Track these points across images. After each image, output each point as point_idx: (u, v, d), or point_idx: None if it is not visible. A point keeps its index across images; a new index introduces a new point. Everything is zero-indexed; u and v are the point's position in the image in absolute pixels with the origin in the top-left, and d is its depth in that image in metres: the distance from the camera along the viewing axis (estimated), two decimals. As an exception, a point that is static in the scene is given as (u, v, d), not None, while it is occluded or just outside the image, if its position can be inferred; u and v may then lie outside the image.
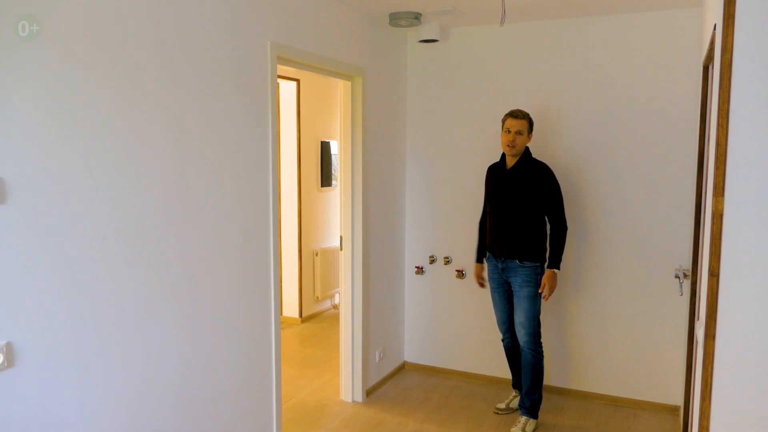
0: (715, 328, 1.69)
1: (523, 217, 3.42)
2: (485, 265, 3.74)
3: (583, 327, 3.97)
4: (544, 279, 3.43)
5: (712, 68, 2.30)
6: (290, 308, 5.69)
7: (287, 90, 5.42)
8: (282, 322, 5.48)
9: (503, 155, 3.53)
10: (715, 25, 2.07)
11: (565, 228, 3.47)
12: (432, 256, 4.36)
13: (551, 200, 3.43)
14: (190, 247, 2.46)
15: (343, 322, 3.89)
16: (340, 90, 3.76)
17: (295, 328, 5.53)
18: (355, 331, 3.88)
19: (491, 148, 4.11)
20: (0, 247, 1.75)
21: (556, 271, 3.44)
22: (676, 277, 3.52)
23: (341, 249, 3.85)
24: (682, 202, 3.62)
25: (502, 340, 3.75)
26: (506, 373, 4.18)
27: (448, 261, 4.30)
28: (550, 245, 3.46)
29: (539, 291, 3.43)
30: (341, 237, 3.85)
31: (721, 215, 1.67)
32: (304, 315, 5.71)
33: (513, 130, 3.39)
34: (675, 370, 3.73)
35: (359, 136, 3.74)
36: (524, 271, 3.44)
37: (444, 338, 4.39)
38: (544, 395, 4.00)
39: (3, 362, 1.76)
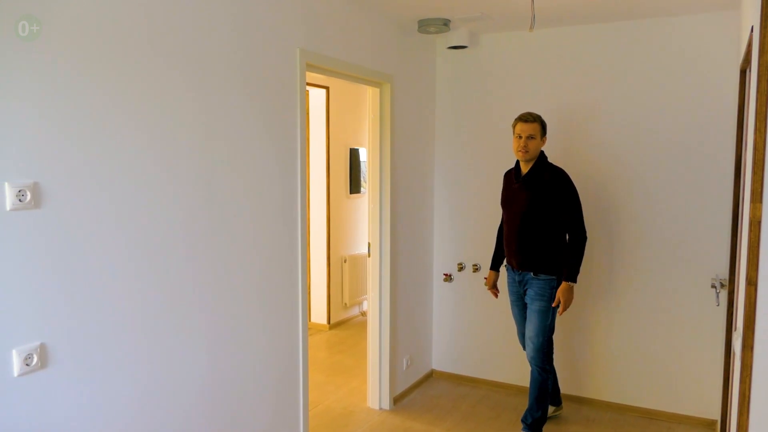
0: (753, 338, 1.64)
1: (539, 227, 3.26)
2: (500, 274, 3.69)
3: (615, 336, 3.88)
4: (559, 293, 3.24)
5: (750, 72, 2.24)
6: (318, 315, 5.71)
7: (317, 97, 5.46)
8: (310, 329, 5.51)
9: (518, 162, 3.39)
10: (752, 27, 2.01)
11: (584, 238, 3.27)
12: (460, 264, 4.32)
13: (569, 208, 3.25)
14: (219, 253, 2.48)
15: (370, 329, 3.89)
16: (368, 97, 3.77)
17: (323, 335, 5.54)
18: (382, 338, 3.87)
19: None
20: (35, 251, 1.79)
21: (572, 284, 3.25)
22: (713, 286, 3.43)
23: (369, 255, 3.85)
24: (719, 209, 3.53)
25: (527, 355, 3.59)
26: (536, 383, 4.12)
27: (476, 268, 4.26)
28: (567, 256, 3.26)
29: (553, 305, 3.27)
30: (369, 243, 3.85)
31: (759, 222, 1.62)
32: (332, 321, 5.72)
33: (524, 134, 3.25)
34: (711, 383, 3.62)
35: (388, 143, 3.74)
36: (538, 284, 3.29)
37: (472, 347, 4.35)
38: (574, 406, 3.94)
39: (37, 363, 1.80)
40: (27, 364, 1.77)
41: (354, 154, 5.88)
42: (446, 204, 4.37)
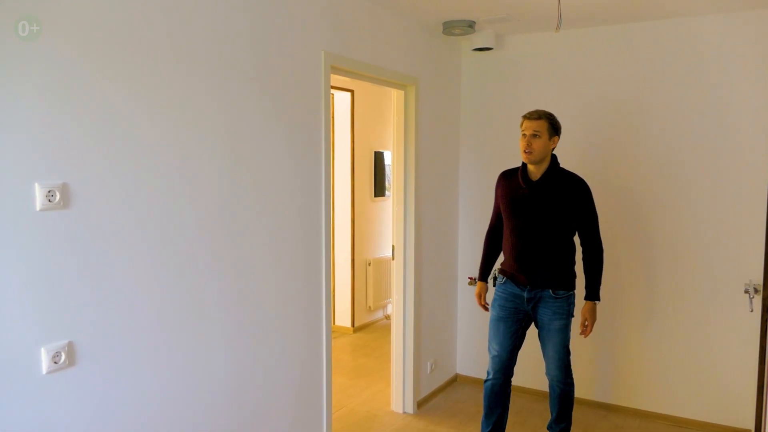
0: (788, 345, 1.58)
1: (556, 239, 2.95)
2: (490, 286, 3.31)
3: (644, 342, 3.80)
4: (585, 313, 3.02)
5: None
6: (343, 318, 5.71)
7: (342, 100, 5.48)
8: (334, 332, 5.51)
9: (524, 164, 3.03)
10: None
11: (602, 250, 3.04)
12: (485, 267, 4.28)
13: (587, 219, 2.98)
14: (244, 255, 2.49)
15: (394, 332, 3.87)
16: (393, 99, 3.76)
17: (347, 338, 5.54)
18: (406, 341, 3.85)
19: (547, 157, 4.03)
20: (63, 250, 1.82)
21: (596, 303, 3.03)
22: (746, 292, 3.33)
23: (393, 259, 3.84)
24: (752, 213, 3.43)
25: (487, 380, 3.19)
26: (562, 389, 4.06)
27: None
28: (587, 272, 3.03)
29: (579, 328, 3.05)
30: (393, 246, 3.84)
31: (795, 224, 1.56)
32: (356, 325, 5.71)
33: (528, 132, 2.91)
34: (745, 391, 3.51)
35: (412, 146, 3.73)
36: (557, 302, 2.98)
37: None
38: (602, 412, 3.86)
39: (65, 361, 1.83)
40: (55, 362, 1.80)
41: (378, 158, 5.88)
42: (471, 207, 4.34)
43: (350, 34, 3.12)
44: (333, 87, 5.04)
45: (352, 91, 5.45)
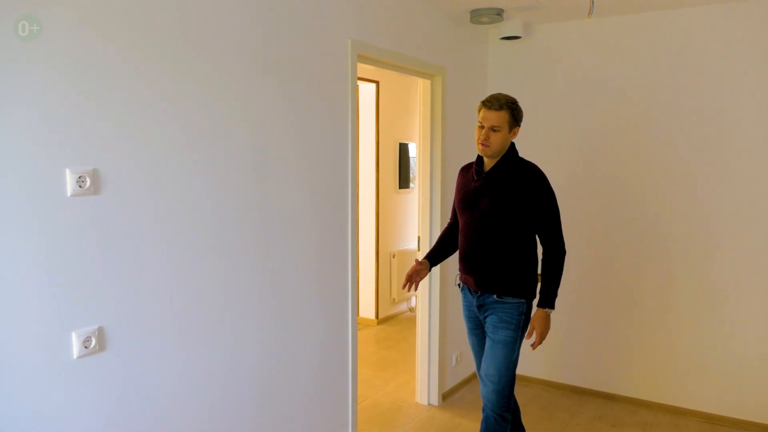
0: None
1: (504, 236, 2.52)
2: (429, 269, 2.85)
3: (675, 336, 3.72)
4: (534, 321, 2.53)
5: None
6: (367, 309, 5.71)
7: (367, 91, 5.45)
8: (358, 323, 5.51)
9: (479, 156, 2.65)
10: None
11: (562, 252, 2.56)
12: (512, 260, 4.22)
13: (543, 214, 2.52)
14: (271, 247, 2.49)
15: (420, 324, 3.85)
16: (419, 89, 3.72)
17: (371, 330, 5.53)
18: (431, 333, 3.82)
19: (578, 150, 3.96)
20: (94, 236, 1.83)
21: (549, 311, 2.53)
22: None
23: (419, 250, 3.81)
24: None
25: None
26: (590, 384, 4.00)
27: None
28: (543, 275, 2.56)
29: (526, 337, 2.58)
30: (419, 238, 3.81)
31: None
32: (380, 317, 5.70)
33: (487, 124, 2.51)
34: (781, 389, 3.42)
35: (439, 136, 3.69)
36: (503, 308, 2.54)
37: (522, 344, 4.24)
38: (631, 408, 3.80)
39: (95, 346, 1.84)
40: (86, 347, 1.81)
41: (403, 149, 5.85)
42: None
43: (377, 22, 3.08)
44: (358, 78, 5.01)
45: (377, 82, 5.42)
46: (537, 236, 2.57)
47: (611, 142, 3.83)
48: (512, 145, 2.61)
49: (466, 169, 2.79)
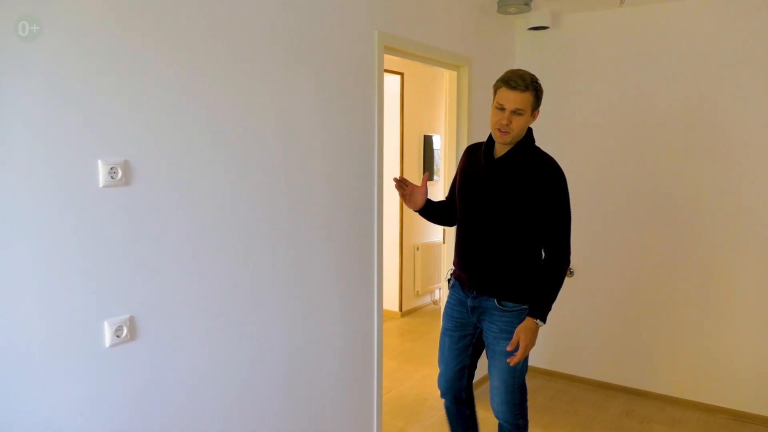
0: None
1: (509, 233, 2.26)
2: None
3: (705, 332, 3.65)
4: (520, 331, 2.21)
5: None
6: (390, 302, 5.71)
7: (391, 83, 5.43)
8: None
9: (490, 137, 2.36)
10: None
11: (566, 261, 2.25)
12: (537, 253, 4.18)
13: (554, 217, 2.23)
14: (297, 238, 2.49)
15: (444, 316, 3.83)
16: (445, 80, 3.70)
17: (394, 322, 5.53)
18: (456, 326, 3.80)
19: (607, 144, 3.90)
20: (125, 226, 1.85)
21: (539, 323, 2.23)
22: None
23: (444, 243, 3.79)
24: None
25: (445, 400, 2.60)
26: (617, 379, 3.95)
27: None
28: (541, 281, 2.26)
29: (508, 347, 2.24)
30: (444, 230, 3.79)
31: None
32: (404, 309, 5.70)
33: (509, 107, 2.19)
34: (815, 387, 3.34)
35: (464, 128, 3.66)
36: (502, 317, 2.29)
37: (548, 339, 4.21)
38: (659, 404, 3.74)
39: (126, 335, 1.87)
40: (117, 336, 1.84)
41: (428, 142, 5.82)
42: (523, 191, 4.24)
43: (403, 13, 3.06)
44: (384, 70, 4.99)
45: (402, 74, 5.39)
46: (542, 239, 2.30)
47: (643, 135, 3.76)
48: (529, 130, 2.31)
49: (473, 150, 2.46)
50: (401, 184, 2.48)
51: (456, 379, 2.49)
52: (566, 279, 4.05)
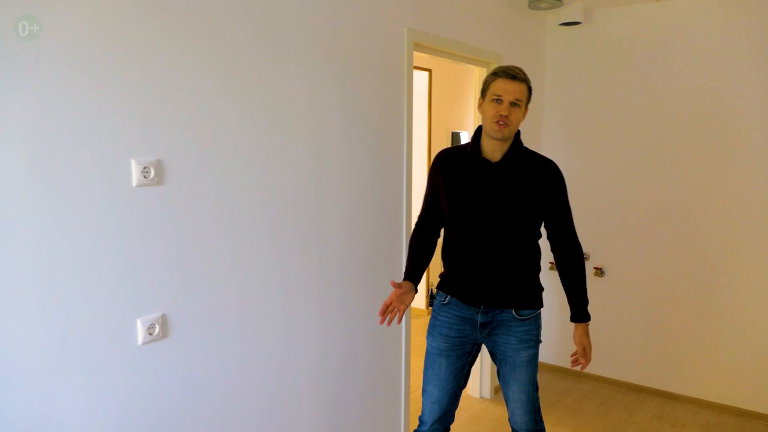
0: None
1: (522, 241, 2.19)
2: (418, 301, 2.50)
3: (740, 334, 3.55)
4: (581, 341, 2.25)
5: None
6: (417, 300, 5.68)
7: (419, 80, 5.40)
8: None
9: (475, 139, 2.21)
10: None
11: (581, 250, 2.27)
12: (568, 252, 4.12)
13: (562, 214, 2.22)
14: (327, 235, 2.49)
15: (472, 315, 3.80)
16: (475, 77, 3.65)
17: (421, 320, 5.51)
18: (484, 325, 3.77)
19: (642, 143, 3.81)
20: (157, 226, 1.86)
21: (588, 323, 2.27)
22: None
23: (472, 241, 3.76)
24: None
25: (420, 430, 2.39)
26: (649, 382, 3.88)
27: (585, 257, 4.04)
28: (569, 284, 2.25)
29: (572, 362, 2.27)
30: (472, 228, 3.75)
31: None
32: (430, 307, 5.68)
33: (507, 98, 2.07)
34: None
35: (494, 125, 3.61)
36: (520, 326, 2.21)
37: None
38: (693, 408, 3.67)
39: (158, 333, 1.88)
40: (150, 334, 1.86)
41: (455, 138, 5.78)
42: (553, 189, 4.18)
43: (433, 9, 3.03)
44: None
45: (429, 71, 5.36)
46: (552, 238, 2.25)
47: (677, 135, 3.67)
48: (518, 131, 2.20)
49: (453, 157, 2.27)
50: (392, 310, 2.27)
51: (451, 404, 2.32)
52: (596, 279, 3.99)
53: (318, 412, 2.54)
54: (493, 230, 2.14)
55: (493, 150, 2.15)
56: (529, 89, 2.14)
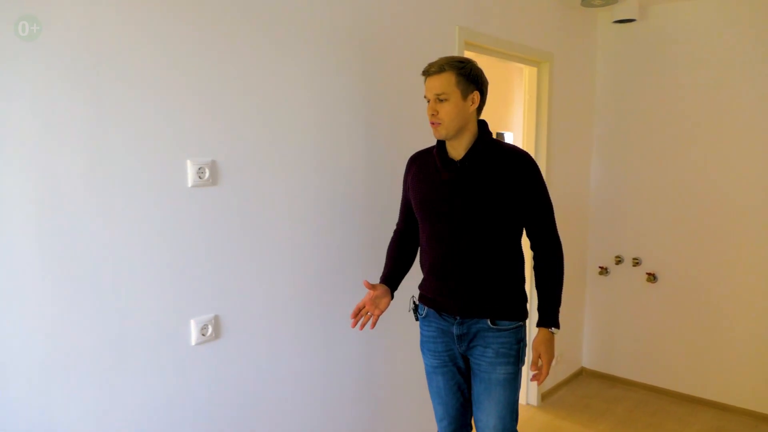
0: None
1: (492, 244, 1.93)
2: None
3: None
4: (538, 347, 1.98)
5: None
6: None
7: (464, 80, 5.32)
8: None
9: (442, 142, 2.00)
10: None
11: (561, 252, 2.02)
12: (618, 257, 4.00)
13: (538, 210, 1.96)
14: (376, 239, 2.46)
15: (518, 320, 3.72)
16: (525, 77, 3.57)
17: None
18: (530, 332, 3.68)
19: (695, 143, 3.67)
20: (211, 226, 1.87)
21: (554, 331, 1.99)
22: None
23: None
24: None
25: None
26: (704, 393, 3.73)
27: (637, 262, 3.92)
28: (540, 285, 2.01)
29: (531, 368, 2.00)
30: (520, 231, 3.67)
31: None
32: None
33: (430, 95, 1.90)
34: None
35: (544, 126, 3.53)
36: (498, 338, 1.96)
37: (629, 346, 4.02)
38: (751, 422, 3.50)
39: (211, 333, 1.88)
40: (203, 334, 1.86)
41: (499, 139, 5.68)
42: (604, 191, 4.06)
43: (484, 7, 2.97)
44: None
45: (475, 70, 5.28)
46: (529, 237, 2.02)
47: (739, 135, 3.51)
48: (482, 123, 1.98)
49: (420, 160, 2.09)
50: (364, 314, 2.07)
51: (460, 416, 2.13)
52: (649, 285, 3.86)
53: (363, 414, 2.51)
54: (460, 233, 1.93)
55: (454, 148, 1.95)
56: (458, 72, 1.86)
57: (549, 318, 1.98)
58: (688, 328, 3.76)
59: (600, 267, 4.08)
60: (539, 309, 2.00)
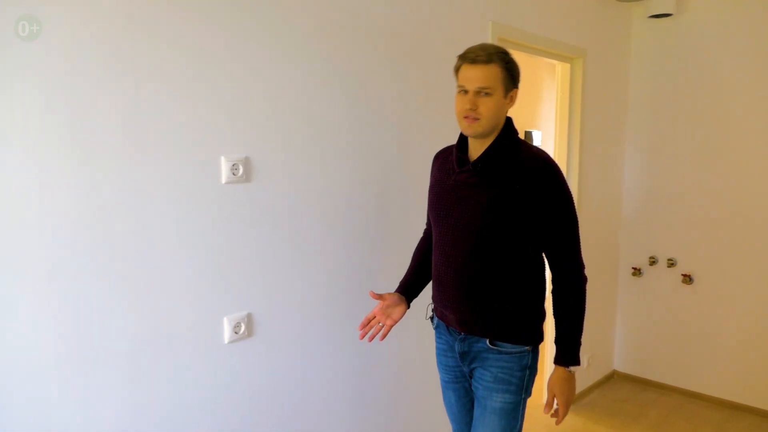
0: None
1: (501, 255, 1.71)
2: (406, 307, 1.96)
3: None
4: (553, 386, 1.77)
5: None
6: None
7: (493, 78, 5.26)
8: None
9: (462, 137, 1.81)
10: None
11: (583, 279, 1.77)
12: (652, 257, 3.90)
13: (557, 227, 1.73)
14: (410, 237, 2.42)
15: (548, 322, 3.65)
16: (557, 73, 3.50)
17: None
18: (562, 332, 3.62)
19: (734, 140, 3.56)
20: (245, 223, 1.85)
21: (573, 370, 1.77)
22: None
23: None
24: None
25: None
26: (742, 398, 3.62)
27: (672, 263, 3.82)
28: (557, 314, 1.78)
29: (544, 410, 1.80)
30: (551, 231, 3.60)
31: None
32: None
33: (471, 87, 1.67)
34: None
35: (577, 124, 3.46)
36: (498, 361, 1.76)
37: (663, 349, 3.92)
38: (751, 419, 3.39)
39: (244, 332, 1.87)
40: (236, 332, 1.84)
41: (528, 137, 5.61)
42: (637, 190, 3.97)
43: (517, 2, 2.91)
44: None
45: (504, 68, 5.21)
46: (545, 256, 1.79)
47: (778, 129, 3.40)
48: (509, 120, 1.78)
49: (442, 157, 1.91)
50: (375, 324, 1.92)
51: None
52: (685, 286, 3.76)
53: (392, 417, 2.48)
54: (463, 242, 1.73)
55: (474, 148, 1.76)
56: (505, 66, 1.68)
57: (565, 355, 1.75)
58: (725, 331, 3.66)
59: (633, 268, 3.98)
60: (556, 342, 1.78)
